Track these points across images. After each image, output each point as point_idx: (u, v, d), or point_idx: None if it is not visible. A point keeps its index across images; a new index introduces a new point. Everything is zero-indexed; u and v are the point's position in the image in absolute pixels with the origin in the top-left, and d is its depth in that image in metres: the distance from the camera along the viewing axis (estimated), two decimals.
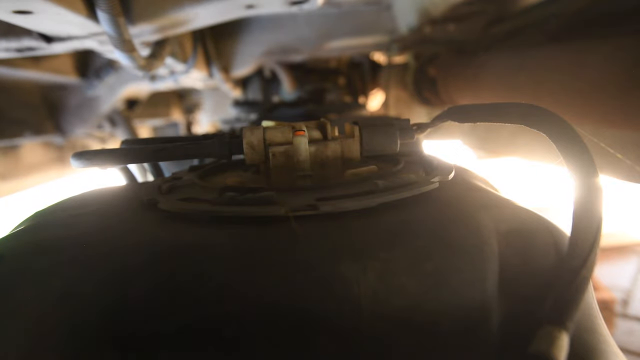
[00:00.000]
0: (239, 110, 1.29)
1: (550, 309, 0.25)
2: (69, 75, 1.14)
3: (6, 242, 0.32)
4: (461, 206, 0.33)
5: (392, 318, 0.25)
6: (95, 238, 0.31)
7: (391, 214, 0.31)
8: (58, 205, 0.40)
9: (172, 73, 1.13)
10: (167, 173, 0.52)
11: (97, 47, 0.72)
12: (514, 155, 1.13)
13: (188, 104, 2.25)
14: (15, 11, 0.49)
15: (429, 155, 0.45)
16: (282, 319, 0.25)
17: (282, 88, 1.63)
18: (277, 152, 0.39)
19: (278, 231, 0.29)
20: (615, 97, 0.65)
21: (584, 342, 0.28)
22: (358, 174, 0.38)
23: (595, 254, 0.27)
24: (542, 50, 0.88)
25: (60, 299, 0.27)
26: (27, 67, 0.96)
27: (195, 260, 0.27)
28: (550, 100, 0.81)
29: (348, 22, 1.30)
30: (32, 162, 1.21)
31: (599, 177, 0.28)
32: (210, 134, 0.47)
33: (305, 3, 0.66)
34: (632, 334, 1.84)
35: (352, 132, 0.42)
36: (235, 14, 0.70)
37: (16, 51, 0.67)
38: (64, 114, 1.27)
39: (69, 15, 0.52)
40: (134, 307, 0.26)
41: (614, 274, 2.31)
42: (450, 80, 1.35)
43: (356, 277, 0.26)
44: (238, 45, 1.34)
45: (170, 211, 0.33)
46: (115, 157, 0.41)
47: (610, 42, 0.70)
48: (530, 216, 0.32)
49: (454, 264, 0.27)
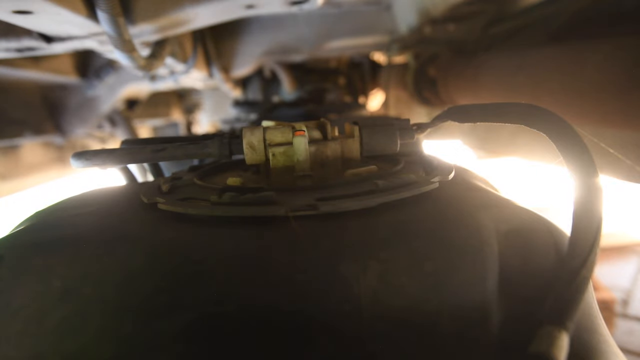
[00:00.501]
0: (239, 110, 1.29)
1: (550, 309, 0.25)
2: (69, 75, 1.14)
3: (6, 242, 0.32)
4: (461, 206, 0.33)
5: (392, 318, 0.25)
6: (95, 238, 0.31)
7: (391, 214, 0.31)
8: (58, 205, 0.40)
9: (172, 73, 1.13)
10: (167, 173, 0.52)
11: (97, 47, 0.72)
12: (514, 155, 1.13)
13: (188, 104, 2.25)
14: (15, 11, 0.49)
15: (429, 155, 0.45)
16: (282, 319, 0.25)
17: (282, 88, 1.63)
18: (277, 152, 0.39)
19: (278, 231, 0.29)
20: (615, 97, 0.65)
21: (584, 342, 0.28)
22: (358, 174, 0.38)
23: (595, 254, 0.27)
24: (542, 50, 0.88)
25: (60, 298, 0.27)
26: (27, 67, 0.96)
27: (195, 260, 0.27)
28: (550, 100, 0.81)
29: (348, 22, 1.30)
30: (32, 162, 1.21)
31: (599, 177, 0.28)
32: (210, 134, 0.47)
33: (305, 3, 0.66)
34: (632, 334, 1.84)
35: (352, 132, 0.42)
36: (235, 14, 0.70)
37: (16, 51, 0.67)
38: (64, 114, 1.27)
39: (69, 15, 0.52)
40: (134, 307, 0.26)
41: (614, 274, 2.31)
42: (450, 80, 1.35)
43: (356, 277, 0.26)
44: (238, 45, 1.34)
45: (170, 211, 0.33)
46: (115, 157, 0.41)
47: (610, 42, 0.70)
48: (530, 216, 0.32)
49: (454, 264, 0.27)
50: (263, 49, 1.34)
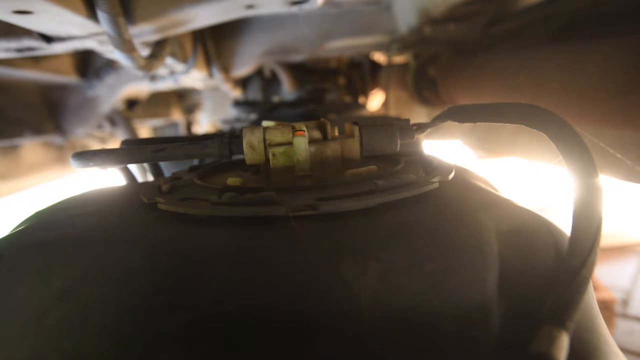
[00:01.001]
0: (239, 110, 1.29)
1: (550, 309, 0.25)
2: (69, 75, 1.14)
3: (6, 242, 0.32)
4: (461, 206, 0.33)
5: (392, 318, 0.25)
6: (95, 238, 0.31)
7: (391, 214, 0.31)
8: (58, 205, 0.40)
9: (172, 73, 1.13)
10: (167, 173, 0.52)
11: (97, 47, 0.72)
12: (514, 155, 1.13)
13: (188, 104, 2.25)
14: (15, 11, 0.49)
15: (429, 155, 0.45)
16: (281, 319, 0.25)
17: (282, 88, 1.63)
18: (277, 152, 0.39)
19: (278, 231, 0.29)
20: (615, 97, 0.65)
21: (584, 342, 0.28)
22: (358, 174, 0.38)
23: (595, 254, 0.27)
24: (542, 50, 0.88)
25: (60, 298, 0.27)
26: (27, 67, 0.96)
27: (195, 260, 0.27)
28: (550, 100, 0.81)
29: (348, 22, 1.30)
30: (32, 162, 1.21)
31: (599, 177, 0.28)
32: (210, 134, 0.47)
33: (305, 3, 0.66)
34: (632, 334, 1.84)
35: (352, 132, 0.42)
36: (235, 14, 0.70)
37: (16, 51, 0.67)
38: (64, 114, 1.27)
39: (69, 15, 0.52)
40: (134, 307, 0.26)
41: (614, 274, 2.30)
42: (450, 80, 1.35)
43: (356, 277, 0.26)
44: (238, 45, 1.34)
45: (170, 211, 0.33)
46: (115, 157, 0.41)
47: (610, 42, 0.70)
48: (530, 216, 0.32)
49: (454, 264, 0.27)
50: (263, 49, 1.34)
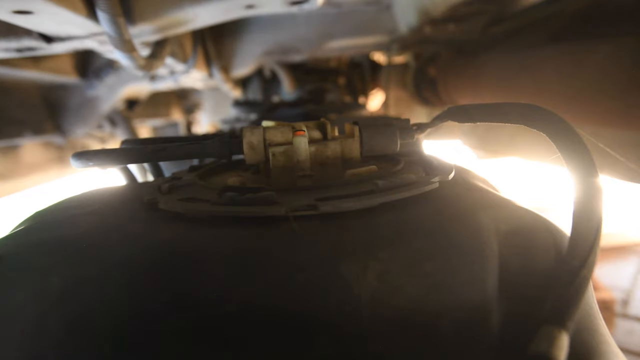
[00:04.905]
0: (239, 110, 1.28)
1: (550, 309, 0.25)
2: (69, 75, 1.14)
3: (6, 242, 0.32)
4: (461, 206, 0.33)
5: (392, 318, 0.25)
6: (95, 238, 0.31)
7: (391, 214, 0.31)
8: (58, 205, 0.40)
9: (172, 73, 1.13)
10: (167, 173, 0.52)
11: (97, 47, 0.72)
12: (514, 155, 1.13)
13: (188, 104, 2.25)
14: (15, 11, 0.49)
15: (429, 155, 0.45)
16: (281, 319, 0.25)
17: (282, 88, 1.63)
18: (277, 152, 0.39)
19: (278, 231, 0.29)
20: (615, 97, 0.65)
21: (584, 342, 0.28)
22: (358, 174, 0.38)
23: (595, 254, 0.27)
24: (542, 51, 0.88)
25: (60, 299, 0.27)
26: (27, 67, 0.96)
27: (195, 260, 0.27)
28: (550, 100, 0.81)
29: (348, 22, 1.30)
30: (32, 162, 1.21)
31: (599, 177, 0.28)
32: (210, 134, 0.47)
33: (305, 3, 0.66)
34: (632, 334, 1.84)
35: (352, 132, 0.42)
36: (235, 14, 0.70)
37: (16, 51, 0.67)
38: (64, 114, 1.27)
39: (69, 15, 0.52)
40: (134, 307, 0.26)
41: (614, 274, 2.31)
42: (450, 80, 1.35)
43: (356, 277, 0.26)
44: (238, 45, 1.34)
45: (170, 211, 0.33)
46: (115, 157, 0.41)
47: (610, 42, 0.70)
48: (530, 216, 0.32)
49: (454, 264, 0.27)
50: (263, 49, 1.34)
